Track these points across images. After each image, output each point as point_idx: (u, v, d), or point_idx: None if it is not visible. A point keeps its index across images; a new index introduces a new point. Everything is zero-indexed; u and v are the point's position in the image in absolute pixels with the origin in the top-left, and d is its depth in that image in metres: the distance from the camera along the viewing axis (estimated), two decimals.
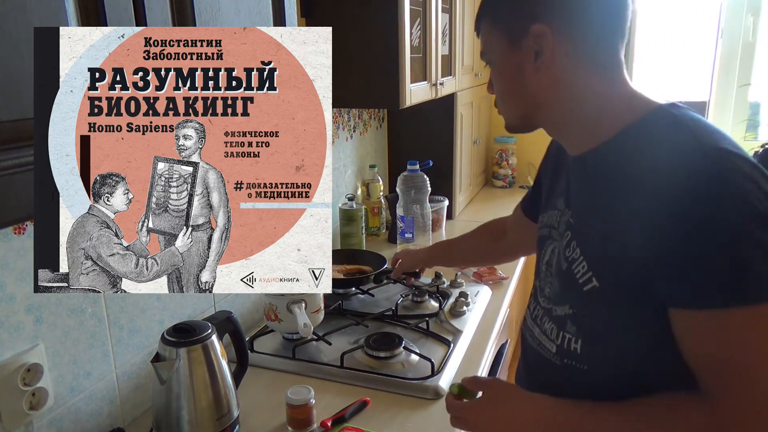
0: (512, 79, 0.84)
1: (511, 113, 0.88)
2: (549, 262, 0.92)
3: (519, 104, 0.86)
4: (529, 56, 0.80)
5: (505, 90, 0.87)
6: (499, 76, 0.86)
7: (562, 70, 0.80)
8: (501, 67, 0.85)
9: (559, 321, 0.86)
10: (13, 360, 0.90)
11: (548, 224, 0.95)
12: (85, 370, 1.05)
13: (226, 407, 1.03)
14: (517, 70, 0.82)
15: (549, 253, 0.92)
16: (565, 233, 0.85)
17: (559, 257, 0.86)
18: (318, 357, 1.34)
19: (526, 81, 0.82)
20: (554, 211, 0.93)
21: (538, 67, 0.80)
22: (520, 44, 0.80)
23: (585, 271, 0.80)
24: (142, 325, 1.17)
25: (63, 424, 1.01)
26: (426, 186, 1.93)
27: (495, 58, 0.85)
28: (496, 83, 0.87)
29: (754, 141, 3.01)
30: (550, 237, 0.93)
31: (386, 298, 1.65)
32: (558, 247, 0.88)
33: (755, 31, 2.99)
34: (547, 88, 0.81)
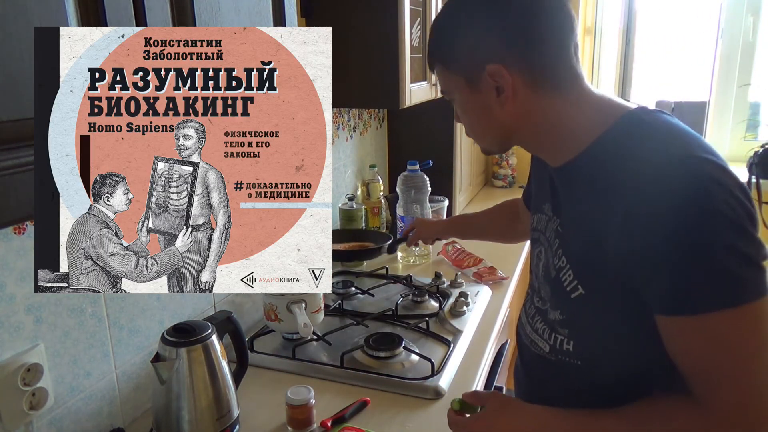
0: (479, 115, 0.86)
1: (485, 142, 0.91)
2: (539, 266, 0.94)
3: (491, 134, 0.88)
4: (491, 93, 0.81)
5: (475, 123, 0.89)
6: (464, 112, 0.89)
7: (526, 100, 0.81)
8: (465, 105, 0.87)
9: (551, 323, 0.88)
10: (13, 360, 0.90)
11: (537, 227, 0.96)
12: (85, 370, 1.05)
13: (226, 407, 1.03)
14: (482, 108, 0.84)
15: (537, 257, 0.95)
16: (554, 241, 0.87)
17: (548, 264, 0.88)
18: (318, 357, 1.34)
19: (494, 115, 0.84)
20: (542, 215, 0.94)
21: (502, 101, 0.82)
22: (479, 85, 0.82)
23: (571, 279, 0.82)
24: (142, 325, 1.17)
25: (63, 424, 1.01)
26: (426, 186, 1.93)
27: (457, 97, 0.87)
28: (464, 117, 0.90)
29: (754, 141, 3.01)
30: (539, 241, 0.95)
31: (386, 298, 1.65)
32: (547, 254, 0.90)
33: (755, 31, 2.99)
34: (515, 117, 0.83)
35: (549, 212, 0.91)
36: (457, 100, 0.87)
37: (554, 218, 0.89)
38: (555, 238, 0.87)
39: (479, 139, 0.91)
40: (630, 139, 0.77)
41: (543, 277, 0.91)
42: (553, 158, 0.87)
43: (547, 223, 0.91)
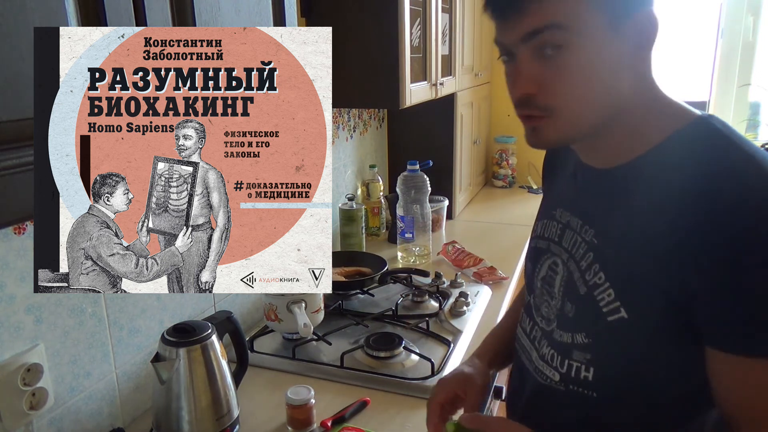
0: (603, 72, 0.66)
1: (581, 121, 0.68)
2: (547, 280, 0.83)
3: (598, 108, 0.68)
4: (627, 45, 0.65)
5: (586, 87, 0.66)
6: (578, 67, 0.65)
7: (645, 70, 0.69)
8: (590, 53, 0.64)
9: (563, 348, 0.77)
10: (13, 360, 0.90)
11: (545, 236, 0.85)
12: (85, 370, 1.05)
13: (226, 407, 1.03)
14: (613, 62, 0.65)
15: (546, 269, 0.83)
16: (585, 254, 0.75)
17: (572, 279, 0.76)
18: (318, 357, 1.34)
19: (621, 78, 0.66)
20: (551, 221, 0.84)
21: (638, 61, 0.67)
22: (621, 27, 0.64)
23: (611, 299, 0.70)
24: (142, 325, 1.17)
25: (63, 424, 1.01)
26: (426, 186, 1.93)
27: (579, 40, 0.63)
28: (567, 76, 0.65)
29: (754, 141, 3.01)
30: (548, 251, 0.83)
31: (386, 298, 1.65)
32: (569, 267, 0.78)
33: (755, 31, 2.99)
34: (632, 89, 0.68)
35: (572, 219, 0.79)
36: (575, 44, 0.63)
37: (584, 227, 0.76)
38: (587, 251, 0.74)
39: (574, 113, 0.67)
40: (710, 145, 0.66)
41: (562, 293, 0.78)
42: (605, 156, 0.74)
43: (565, 231, 0.80)
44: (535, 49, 0.65)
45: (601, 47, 0.64)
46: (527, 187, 3.03)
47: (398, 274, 1.76)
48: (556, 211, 0.83)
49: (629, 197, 0.71)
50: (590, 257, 0.74)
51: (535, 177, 3.05)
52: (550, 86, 0.66)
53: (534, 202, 2.74)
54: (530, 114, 0.69)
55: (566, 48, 0.64)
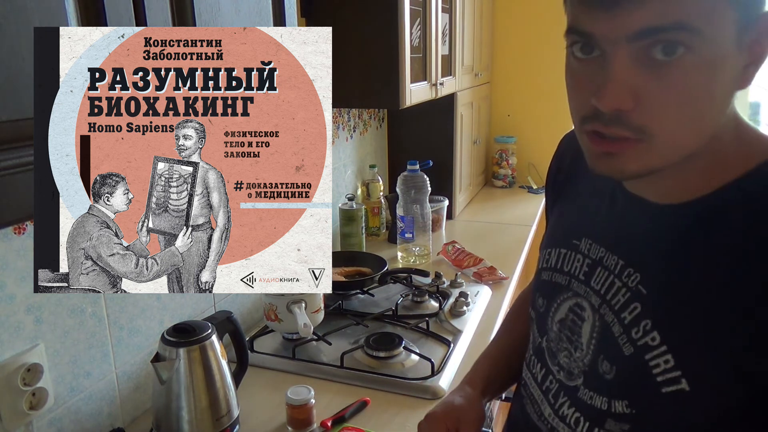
0: (720, 92, 0.55)
1: (676, 151, 0.56)
2: (567, 324, 0.71)
3: (700, 137, 0.56)
4: (742, 62, 0.54)
5: (698, 109, 0.54)
6: (697, 83, 0.52)
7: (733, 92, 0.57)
8: (713, 66, 0.52)
9: (594, 414, 0.66)
10: (13, 360, 0.90)
11: (564, 270, 0.73)
12: (85, 370, 1.05)
13: (226, 407, 1.03)
14: (729, 81, 0.54)
15: (565, 311, 0.72)
16: (629, 305, 0.63)
17: (608, 332, 0.65)
18: (318, 357, 1.34)
19: (726, 100, 0.56)
20: (573, 253, 0.72)
21: (748, 77, 0.56)
22: (745, 35, 0.53)
23: (669, 367, 0.59)
24: (142, 325, 1.17)
25: (63, 424, 1.01)
26: (426, 186, 1.93)
27: (706, 48, 0.51)
28: (680, 93, 0.52)
29: None
30: (569, 289, 0.72)
31: (386, 298, 1.65)
32: (604, 317, 0.66)
33: None
34: (726, 113, 0.58)
35: (608, 257, 0.67)
36: (697, 53, 0.51)
37: (627, 270, 0.64)
38: (630, 300, 0.62)
39: (682, 133, 0.55)
40: None
41: (594, 347, 0.67)
42: (673, 190, 0.62)
43: (596, 269, 0.68)
44: (642, 51, 0.51)
45: (725, 61, 0.52)
46: (527, 187, 3.03)
47: (398, 274, 1.76)
48: (580, 241, 0.71)
49: (698, 240, 0.59)
50: (636, 310, 0.62)
51: (535, 177, 3.05)
52: (654, 103, 0.52)
53: (534, 202, 2.73)
54: (616, 134, 0.54)
55: (688, 56, 0.50)
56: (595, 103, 0.53)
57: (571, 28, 0.56)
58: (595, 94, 0.53)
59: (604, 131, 0.55)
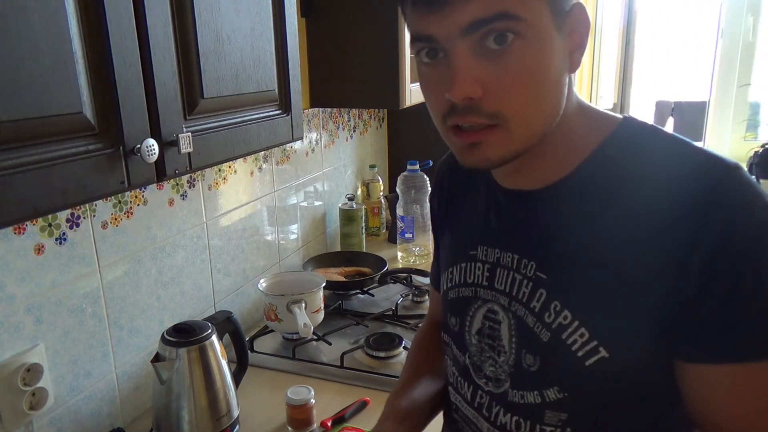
0: (553, 72, 0.58)
1: (533, 131, 0.60)
2: (485, 333, 0.70)
3: (549, 116, 0.61)
4: (566, 46, 0.59)
5: (539, 89, 0.58)
6: (532, 64, 0.56)
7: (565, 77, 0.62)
8: (541, 48, 0.57)
9: (530, 411, 0.66)
10: (13, 360, 0.90)
11: (467, 282, 0.73)
12: (85, 370, 1.05)
13: (226, 407, 1.03)
14: (558, 62, 0.59)
15: (480, 320, 0.71)
16: (535, 293, 0.64)
17: (523, 327, 0.65)
18: (318, 357, 1.34)
19: (561, 80, 0.60)
20: (471, 263, 0.72)
21: (575, 62, 0.60)
22: (562, 25, 0.58)
23: (586, 339, 0.60)
24: (142, 325, 1.17)
25: (63, 424, 1.01)
26: (426, 186, 1.93)
27: (531, 32, 0.55)
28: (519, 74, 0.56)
29: (754, 141, 3.01)
30: (477, 298, 0.71)
31: (386, 298, 1.65)
32: (517, 313, 0.66)
33: (755, 31, 2.99)
34: (565, 94, 0.61)
35: (503, 255, 0.68)
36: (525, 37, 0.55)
37: (522, 261, 0.66)
38: (535, 288, 0.64)
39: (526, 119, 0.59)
40: (648, 142, 0.61)
41: (515, 345, 0.66)
42: (538, 175, 0.66)
43: (496, 270, 0.69)
44: (477, 43, 0.55)
45: (550, 44, 0.57)
46: None
47: (398, 274, 1.76)
48: (476, 250, 0.72)
49: (576, 214, 0.63)
50: (543, 296, 0.63)
51: None
52: (499, 87, 0.56)
53: None
54: (473, 122, 0.58)
55: (517, 42, 0.55)
56: (449, 97, 0.57)
57: (413, 35, 0.60)
58: (447, 89, 0.57)
59: (463, 122, 0.58)
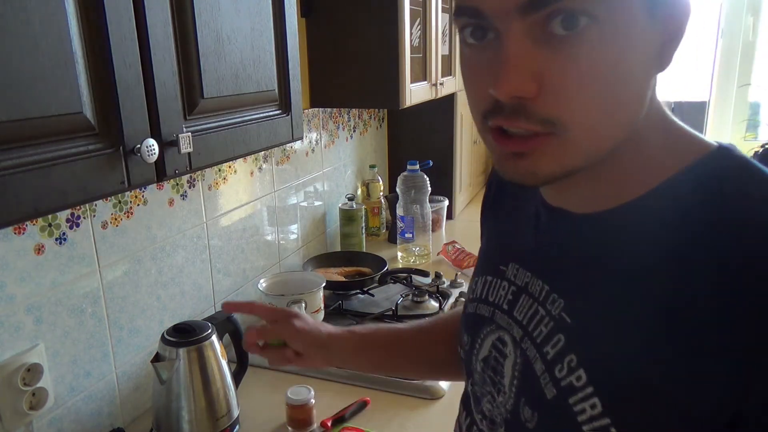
0: (636, 71, 0.45)
1: (597, 144, 0.46)
2: (490, 363, 0.60)
3: (621, 125, 0.47)
4: (658, 39, 0.46)
5: (614, 90, 0.44)
6: (607, 58, 0.43)
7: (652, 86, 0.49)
8: (622, 39, 0.43)
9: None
10: (13, 360, 0.90)
11: (489, 299, 0.62)
12: (85, 370, 1.05)
13: (226, 407, 1.03)
14: (645, 59, 0.45)
15: (488, 347, 0.60)
16: (552, 337, 0.52)
17: (529, 369, 0.54)
18: None
19: (649, 83, 0.47)
20: (499, 280, 0.61)
21: (666, 58, 0.47)
22: (658, 12, 0.44)
23: (597, 413, 0.48)
24: (142, 325, 1.17)
25: (63, 424, 1.01)
26: (426, 186, 1.93)
27: (611, 18, 0.42)
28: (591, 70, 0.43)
29: (754, 141, 3.01)
30: (492, 321, 0.60)
31: (386, 298, 1.65)
32: (527, 353, 0.54)
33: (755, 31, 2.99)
34: (647, 100, 0.48)
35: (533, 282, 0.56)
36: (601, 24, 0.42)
37: (551, 296, 0.53)
38: (554, 331, 0.52)
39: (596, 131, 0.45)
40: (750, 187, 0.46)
41: (516, 390, 0.56)
42: (594, 197, 0.52)
43: (521, 296, 0.57)
44: (538, 26, 0.42)
45: (637, 32, 0.43)
46: None
47: (398, 274, 1.76)
48: (507, 266, 0.60)
49: (628, 258, 0.49)
50: (560, 343, 0.51)
51: None
52: (561, 85, 0.43)
53: None
54: (522, 128, 0.45)
55: (592, 27, 0.41)
56: (493, 93, 0.44)
57: (458, 7, 0.47)
58: (492, 82, 0.44)
59: (508, 126, 0.46)
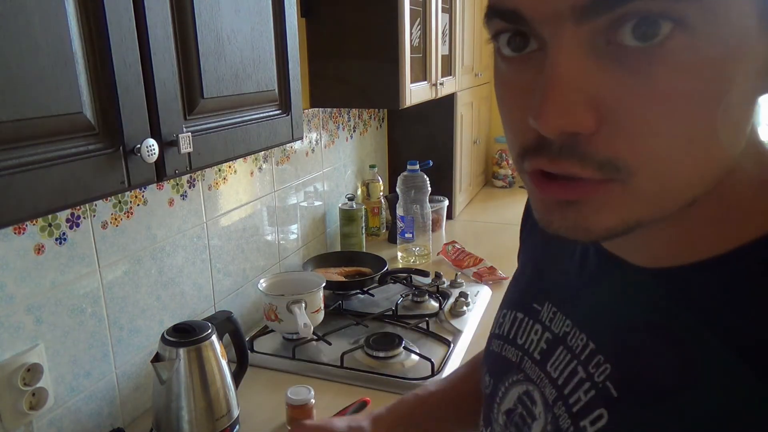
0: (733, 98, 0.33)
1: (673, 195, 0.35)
2: (514, 420, 0.51)
3: (709, 170, 0.35)
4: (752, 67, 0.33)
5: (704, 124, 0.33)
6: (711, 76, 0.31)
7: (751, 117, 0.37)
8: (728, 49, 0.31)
9: None
10: (13, 360, 0.90)
11: (517, 342, 0.54)
12: (85, 370, 1.05)
13: (226, 407, 1.03)
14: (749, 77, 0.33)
15: (513, 400, 0.52)
16: (592, 408, 0.43)
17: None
18: (318, 357, 1.34)
19: (746, 110, 0.35)
20: (530, 321, 0.53)
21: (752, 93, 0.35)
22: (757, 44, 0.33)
23: None
24: (142, 325, 1.17)
25: (63, 424, 1.01)
26: (426, 186, 1.93)
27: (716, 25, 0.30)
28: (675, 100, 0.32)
29: None
30: (520, 370, 0.52)
31: (386, 298, 1.65)
32: (544, 407, 0.48)
33: None
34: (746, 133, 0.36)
35: (574, 333, 0.47)
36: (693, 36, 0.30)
37: (597, 357, 0.44)
38: (595, 400, 0.43)
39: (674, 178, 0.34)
40: None
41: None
42: (662, 249, 0.41)
43: (557, 348, 0.48)
44: (601, 36, 0.32)
45: (743, 47, 0.32)
46: None
47: (398, 274, 1.76)
48: (542, 306, 0.52)
49: (702, 323, 0.38)
50: (602, 420, 0.42)
51: None
52: (628, 119, 0.32)
53: None
54: (572, 174, 0.34)
55: (680, 37, 0.30)
56: (534, 125, 0.33)
57: (492, 8, 0.36)
58: (534, 110, 0.33)
59: (554, 169, 0.35)
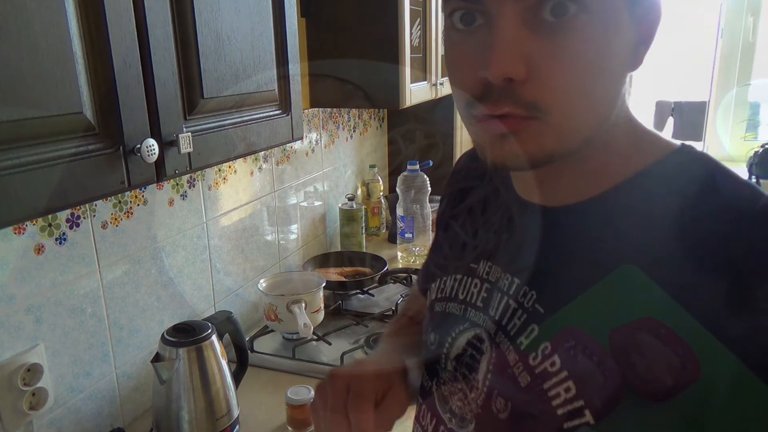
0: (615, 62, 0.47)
1: (578, 130, 0.48)
2: (464, 361, 0.59)
3: (599, 115, 0.49)
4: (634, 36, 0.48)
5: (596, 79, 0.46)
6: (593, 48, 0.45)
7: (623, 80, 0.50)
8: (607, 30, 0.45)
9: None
10: (13, 360, 0.90)
11: (459, 297, 0.61)
12: (85, 370, 1.05)
13: (226, 407, 1.03)
14: (622, 52, 0.47)
15: (463, 345, 0.59)
16: (526, 328, 0.53)
17: (503, 361, 0.54)
18: (318, 357, 1.34)
19: (620, 77, 0.49)
20: (470, 278, 0.61)
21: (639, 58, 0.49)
22: (635, 8, 0.46)
23: (571, 396, 0.48)
24: (142, 325, 1.17)
25: (63, 424, 1.01)
26: (426, 186, 1.93)
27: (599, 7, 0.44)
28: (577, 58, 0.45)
29: (754, 141, 3.01)
30: (466, 319, 0.60)
31: (386, 298, 1.65)
32: (489, 341, 0.56)
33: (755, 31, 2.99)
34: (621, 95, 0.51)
35: (503, 277, 0.57)
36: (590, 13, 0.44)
37: (522, 289, 0.54)
38: (527, 322, 0.53)
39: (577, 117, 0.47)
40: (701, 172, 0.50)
41: (488, 383, 0.56)
42: (565, 189, 0.54)
43: (493, 293, 0.57)
44: (530, 10, 0.44)
45: (619, 29, 0.45)
46: None
47: (398, 274, 1.76)
48: (477, 264, 0.61)
49: (600, 248, 0.51)
50: (534, 333, 0.52)
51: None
52: (546, 72, 0.44)
53: None
54: (509, 113, 0.46)
55: (581, 16, 0.43)
56: (484, 75, 0.45)
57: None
58: (482, 65, 0.45)
59: (496, 111, 0.46)
